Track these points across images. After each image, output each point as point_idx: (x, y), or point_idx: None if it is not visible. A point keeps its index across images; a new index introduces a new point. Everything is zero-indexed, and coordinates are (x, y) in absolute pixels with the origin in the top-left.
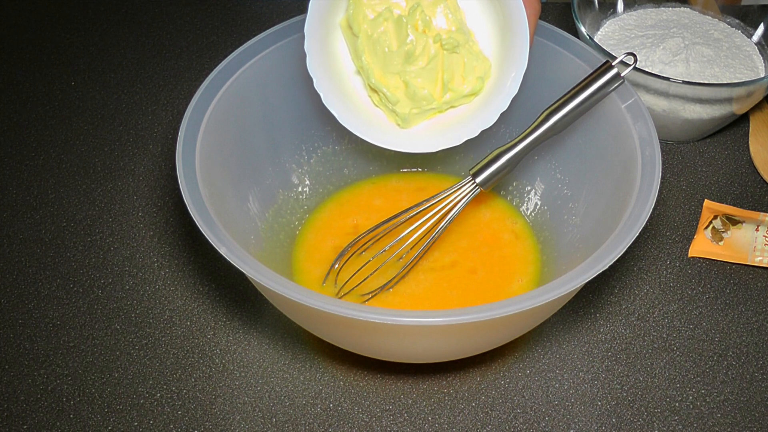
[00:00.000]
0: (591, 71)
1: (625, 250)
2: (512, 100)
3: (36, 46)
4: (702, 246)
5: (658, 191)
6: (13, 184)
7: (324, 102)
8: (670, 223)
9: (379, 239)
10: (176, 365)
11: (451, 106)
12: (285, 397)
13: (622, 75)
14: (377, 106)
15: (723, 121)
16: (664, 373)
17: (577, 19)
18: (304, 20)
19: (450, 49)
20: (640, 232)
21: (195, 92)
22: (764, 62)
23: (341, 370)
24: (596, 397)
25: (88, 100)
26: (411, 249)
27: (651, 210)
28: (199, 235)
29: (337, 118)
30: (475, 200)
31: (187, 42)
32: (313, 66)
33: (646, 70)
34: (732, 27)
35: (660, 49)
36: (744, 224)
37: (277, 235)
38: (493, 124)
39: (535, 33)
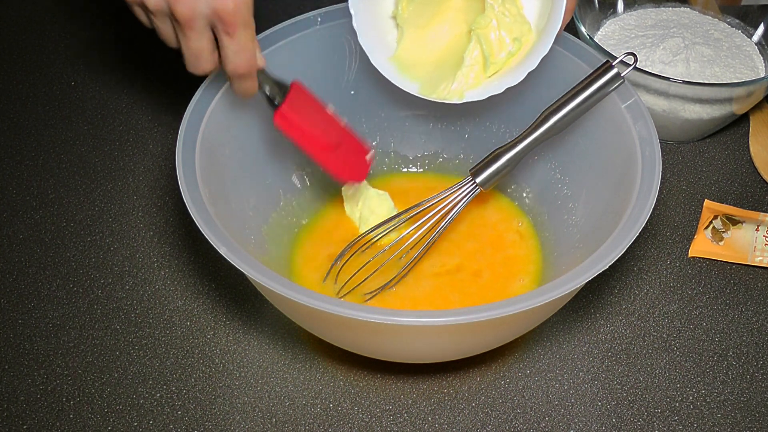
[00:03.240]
0: (591, 71)
1: (625, 250)
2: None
3: (36, 46)
4: (702, 246)
5: (658, 191)
6: (13, 184)
7: (359, 40)
8: (670, 223)
9: (379, 239)
10: (176, 365)
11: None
12: (285, 397)
13: (622, 75)
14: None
15: (723, 121)
16: (664, 373)
17: (577, 19)
18: (303, 20)
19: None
20: (640, 232)
21: (195, 92)
22: (764, 62)
23: (341, 370)
24: (596, 397)
25: (88, 100)
26: (411, 249)
27: (651, 210)
28: (199, 235)
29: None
30: (481, 201)
31: None
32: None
33: (646, 70)
34: (732, 27)
35: (660, 49)
36: (744, 224)
37: (278, 236)
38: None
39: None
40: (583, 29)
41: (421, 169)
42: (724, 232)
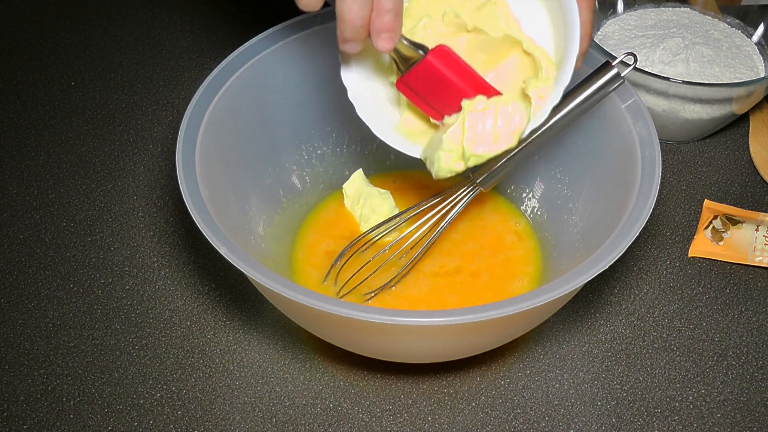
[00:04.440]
0: (591, 71)
1: (625, 250)
2: None
3: (36, 46)
4: (702, 246)
5: (658, 191)
6: (13, 184)
7: (358, 113)
8: (670, 223)
9: (379, 239)
10: (176, 365)
11: None
12: (285, 397)
13: (622, 75)
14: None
15: (723, 121)
16: (664, 373)
17: None
18: (303, 20)
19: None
20: (640, 232)
21: (195, 92)
22: (764, 62)
23: (341, 370)
24: (596, 397)
25: (88, 100)
26: (411, 249)
27: (651, 210)
28: (199, 235)
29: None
30: (480, 201)
31: (187, 42)
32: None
33: (646, 70)
34: (732, 27)
35: (660, 49)
36: (744, 224)
37: (278, 236)
38: None
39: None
40: None
41: (422, 169)
42: (724, 232)
